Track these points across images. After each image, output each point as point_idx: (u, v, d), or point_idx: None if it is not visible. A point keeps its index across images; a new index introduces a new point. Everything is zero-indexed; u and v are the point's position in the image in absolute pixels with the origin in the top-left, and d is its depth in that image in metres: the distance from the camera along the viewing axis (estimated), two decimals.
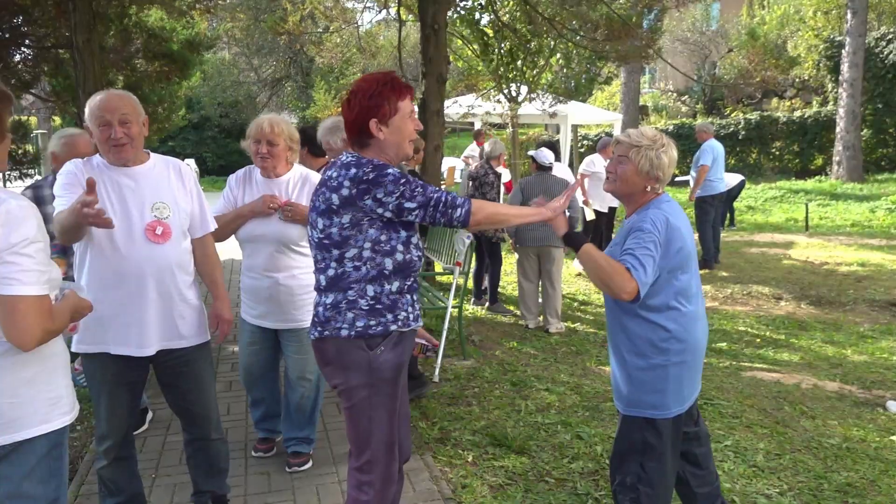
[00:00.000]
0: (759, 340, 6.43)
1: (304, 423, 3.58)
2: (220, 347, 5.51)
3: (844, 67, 16.84)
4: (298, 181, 3.43)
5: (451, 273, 5.46)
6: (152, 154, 2.78)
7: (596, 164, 8.83)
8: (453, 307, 5.32)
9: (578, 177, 8.06)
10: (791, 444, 4.04)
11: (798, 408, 4.65)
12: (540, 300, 6.54)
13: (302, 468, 3.56)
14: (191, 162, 17.98)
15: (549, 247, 6.22)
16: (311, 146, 4.62)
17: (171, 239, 2.70)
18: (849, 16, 16.72)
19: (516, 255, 6.60)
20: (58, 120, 17.77)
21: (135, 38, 9.67)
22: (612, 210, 9.13)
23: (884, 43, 18.10)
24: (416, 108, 2.47)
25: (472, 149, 11.28)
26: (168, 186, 2.73)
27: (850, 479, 3.55)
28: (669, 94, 27.80)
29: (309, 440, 3.62)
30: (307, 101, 24.67)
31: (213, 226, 2.94)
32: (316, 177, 3.42)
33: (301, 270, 3.39)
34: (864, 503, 3.35)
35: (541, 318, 6.47)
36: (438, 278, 7.10)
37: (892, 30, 18.93)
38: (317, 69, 24.90)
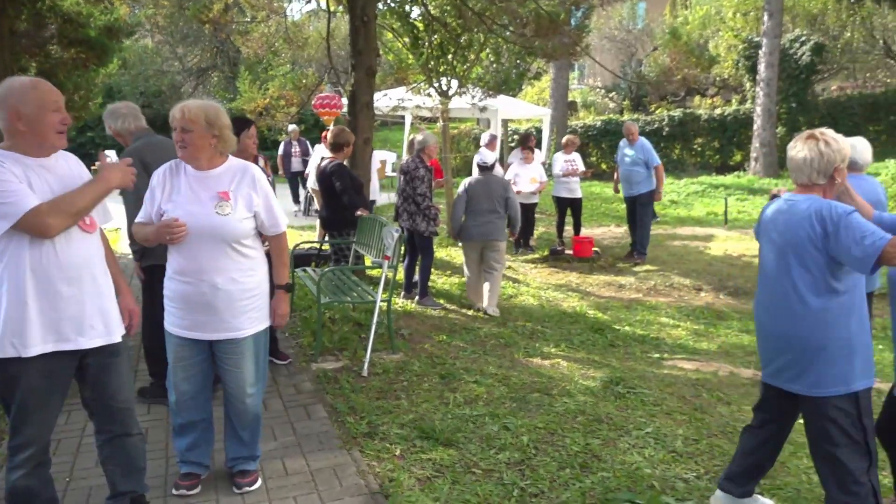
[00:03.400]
0: (680, 331, 6.65)
1: (249, 439, 3.32)
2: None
3: (761, 67, 17.55)
4: (237, 174, 3.08)
5: (380, 267, 5.44)
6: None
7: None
8: (382, 301, 5.30)
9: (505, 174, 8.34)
10: (708, 429, 4.20)
11: (715, 394, 4.84)
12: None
13: (252, 487, 3.30)
14: (111, 153, 17.30)
15: (492, 241, 6.81)
16: None
17: (97, 229, 2.70)
18: (765, 17, 17.42)
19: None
20: None
21: (49, 23, 9.20)
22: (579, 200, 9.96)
23: (797, 44, 18.94)
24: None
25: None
26: (80, 178, 2.69)
27: None
28: (598, 90, 28.36)
29: (255, 457, 3.37)
30: (234, 91, 24.08)
31: (111, 217, 2.90)
32: (256, 170, 3.15)
33: (243, 273, 3.07)
34: (774, 483, 3.51)
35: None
36: (368, 272, 7.05)
37: (805, 32, 19.83)
38: (244, 60, 24.33)
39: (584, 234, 10.24)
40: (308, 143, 13.84)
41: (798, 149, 2.78)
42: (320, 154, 10.21)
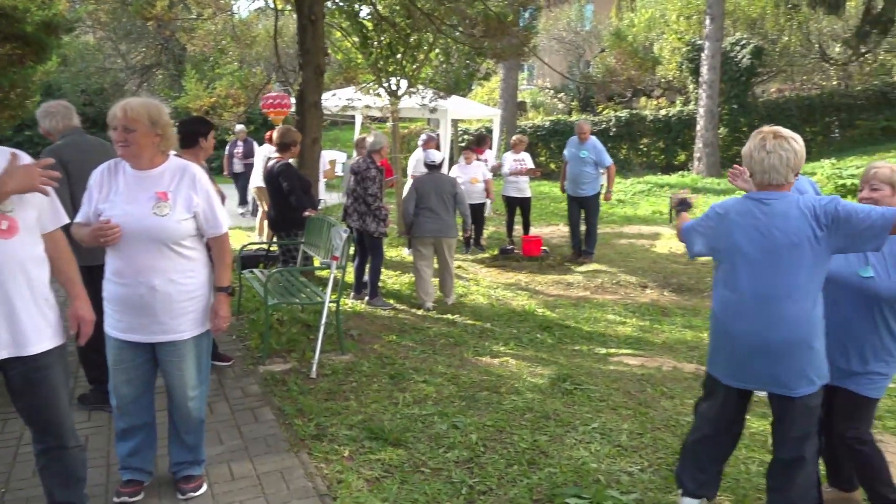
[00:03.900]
0: (626, 327, 6.78)
1: (193, 443, 3.27)
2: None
3: (703, 69, 18.00)
4: (177, 173, 3.02)
5: (329, 267, 5.41)
6: None
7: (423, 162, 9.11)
8: (331, 302, 5.27)
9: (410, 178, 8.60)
10: (652, 423, 4.29)
11: (659, 389, 4.95)
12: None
13: (198, 493, 3.25)
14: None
15: (445, 237, 7.00)
16: (180, 139, 4.46)
17: (19, 234, 2.53)
18: (707, 21, 17.88)
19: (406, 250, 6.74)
20: None
21: None
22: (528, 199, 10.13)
23: (738, 47, 19.49)
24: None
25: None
26: None
27: None
28: (547, 91, 28.69)
29: (199, 461, 3.33)
30: (179, 90, 23.59)
31: (64, 219, 2.77)
32: (197, 170, 3.09)
33: (182, 274, 3.01)
34: None
35: (434, 301, 7.10)
36: (317, 273, 7.00)
37: (745, 36, 20.41)
38: (189, 57, 23.87)
39: (533, 234, 10.35)
40: (255, 143, 13.65)
41: (769, 149, 2.74)
42: (264, 154, 10.16)
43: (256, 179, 10.37)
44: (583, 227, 9.54)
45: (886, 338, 2.99)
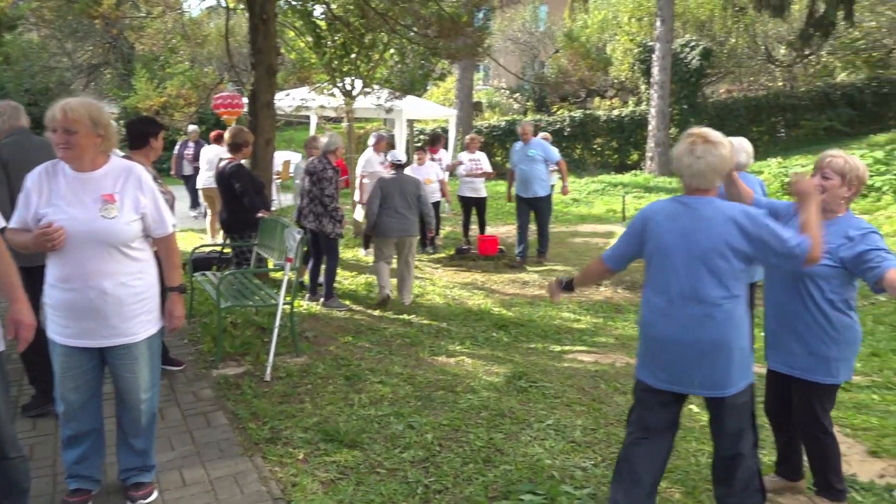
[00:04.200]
0: (580, 324, 6.87)
1: (143, 448, 3.20)
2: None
3: (654, 70, 18.33)
4: (121, 174, 2.95)
5: (283, 269, 5.35)
6: None
7: (373, 162, 9.10)
8: (285, 304, 5.22)
9: (359, 180, 8.94)
10: (605, 418, 4.36)
11: (612, 385, 5.03)
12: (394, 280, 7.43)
13: (148, 500, 3.18)
14: None
15: (408, 237, 7.17)
16: (130, 139, 4.38)
17: None
18: (658, 23, 18.20)
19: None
20: None
21: None
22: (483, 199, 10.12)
23: (688, 49, 19.89)
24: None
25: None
26: None
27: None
28: (502, 91, 28.88)
29: (149, 467, 3.25)
30: (128, 89, 23.09)
31: (2, 222, 2.69)
32: (142, 170, 3.03)
33: (132, 276, 2.95)
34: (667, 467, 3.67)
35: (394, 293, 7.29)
36: (272, 275, 6.92)
37: (694, 37, 20.85)
38: (139, 56, 23.35)
39: (489, 233, 10.40)
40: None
41: (698, 154, 2.74)
42: (210, 155, 10.12)
43: (203, 181, 10.25)
44: (533, 228, 9.51)
45: (818, 314, 3.06)
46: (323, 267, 7.07)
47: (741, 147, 4.77)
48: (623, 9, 24.06)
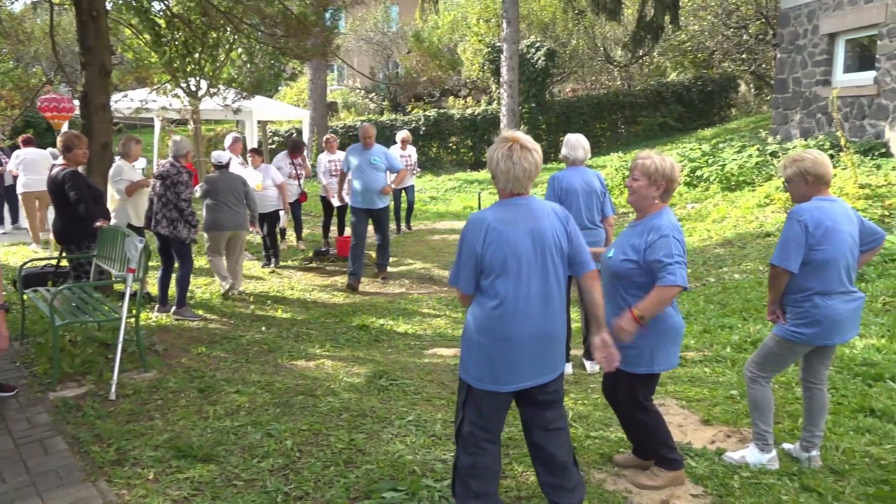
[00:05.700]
0: (440, 320, 6.99)
1: None
2: None
3: (503, 70, 18.93)
4: None
5: (124, 281, 5.05)
6: None
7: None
8: (129, 317, 4.93)
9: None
10: None
11: None
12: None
13: None
14: None
15: (240, 230, 7.49)
16: None
17: None
18: (504, 25, 18.80)
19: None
20: None
21: None
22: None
23: (534, 50, 20.70)
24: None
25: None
26: None
27: (512, 434, 4.04)
28: (357, 91, 28.76)
29: None
30: None
31: None
32: None
33: None
34: (523, 449, 3.82)
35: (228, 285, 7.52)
36: (116, 287, 6.51)
37: (539, 39, 21.75)
38: None
39: (347, 234, 10.31)
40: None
41: (515, 161, 2.81)
42: (17, 160, 9.98)
43: (22, 185, 10.10)
44: (371, 240, 8.89)
45: (626, 309, 3.27)
46: (174, 276, 6.75)
47: (578, 143, 5.06)
48: (471, 10, 24.66)
